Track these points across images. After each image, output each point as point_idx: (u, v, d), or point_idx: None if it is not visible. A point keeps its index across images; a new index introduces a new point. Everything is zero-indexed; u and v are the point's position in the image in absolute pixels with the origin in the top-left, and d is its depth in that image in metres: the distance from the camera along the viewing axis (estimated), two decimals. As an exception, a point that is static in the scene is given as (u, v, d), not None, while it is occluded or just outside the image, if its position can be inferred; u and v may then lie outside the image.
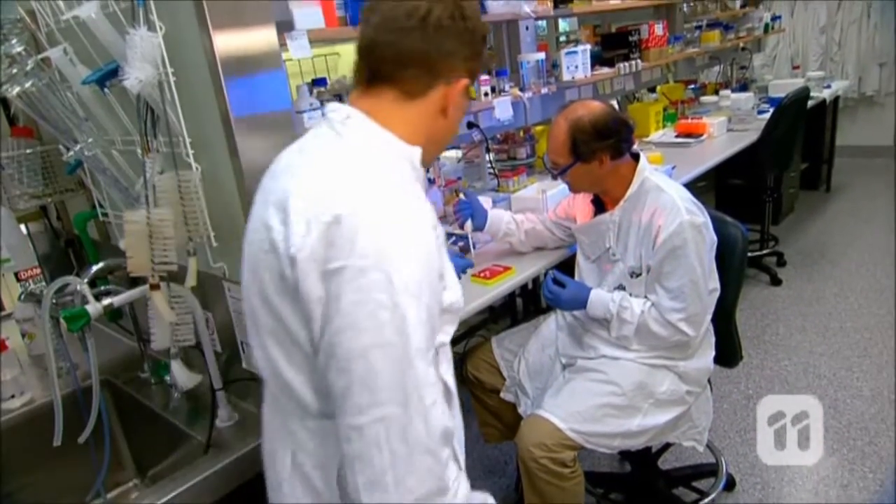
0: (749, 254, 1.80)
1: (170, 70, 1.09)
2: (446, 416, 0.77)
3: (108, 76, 1.18)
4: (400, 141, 0.85)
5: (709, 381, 1.73)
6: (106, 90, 1.22)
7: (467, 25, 0.85)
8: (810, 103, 3.68)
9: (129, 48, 1.04)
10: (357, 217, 0.73)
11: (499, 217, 1.90)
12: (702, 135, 3.32)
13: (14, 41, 1.24)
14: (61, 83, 1.29)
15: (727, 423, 2.38)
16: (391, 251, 0.73)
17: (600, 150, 1.57)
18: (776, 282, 3.51)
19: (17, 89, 1.14)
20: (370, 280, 0.71)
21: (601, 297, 1.62)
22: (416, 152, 0.86)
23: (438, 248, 0.79)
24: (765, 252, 3.73)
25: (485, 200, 2.02)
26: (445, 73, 0.85)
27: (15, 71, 1.16)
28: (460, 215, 1.84)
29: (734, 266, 1.71)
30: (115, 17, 1.14)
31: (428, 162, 0.90)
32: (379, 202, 0.76)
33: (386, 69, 0.84)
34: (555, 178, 1.70)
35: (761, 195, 3.68)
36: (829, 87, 4.53)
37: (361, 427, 0.72)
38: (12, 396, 1.41)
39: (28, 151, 1.48)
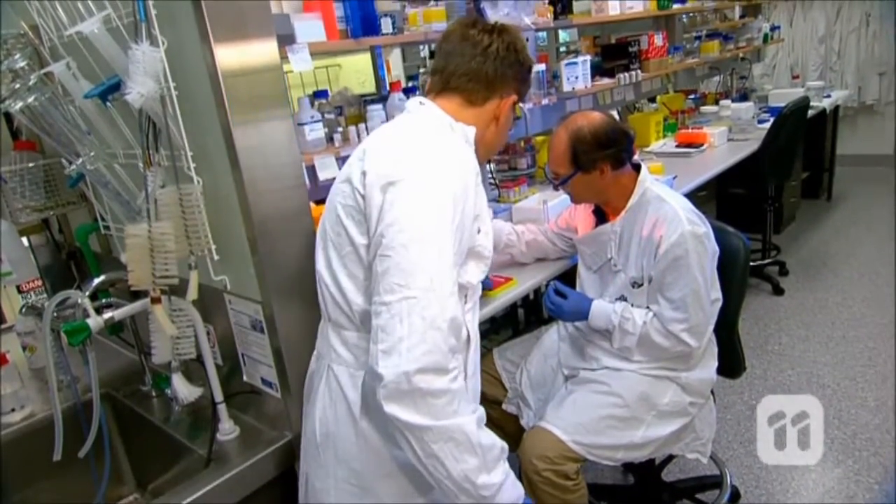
0: (751, 263, 1.80)
1: (172, 84, 1.10)
2: (459, 309, 0.95)
3: (111, 90, 1.19)
4: (458, 122, 1.10)
5: (712, 391, 1.72)
6: (108, 104, 1.22)
7: (518, 58, 1.13)
8: (810, 113, 3.69)
9: (131, 63, 1.04)
10: (417, 150, 1.02)
11: (499, 228, 1.89)
12: (702, 145, 3.33)
13: (17, 56, 1.25)
14: (64, 97, 1.30)
15: (731, 434, 2.37)
16: (440, 175, 0.98)
17: (601, 159, 1.57)
18: (778, 291, 3.50)
19: (19, 104, 1.15)
20: (419, 190, 0.96)
21: (603, 309, 1.62)
22: (471, 130, 1.11)
23: (476, 192, 1.04)
24: (767, 261, 3.73)
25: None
26: (500, 90, 1.13)
27: (18, 86, 1.17)
28: None
29: (736, 276, 1.71)
30: (117, 32, 1.14)
31: (481, 159, 1.14)
32: (434, 144, 1.04)
33: (454, 81, 1.12)
34: (556, 188, 1.70)
35: (762, 204, 3.68)
36: (828, 96, 4.54)
37: (391, 303, 0.91)
38: (12, 410, 1.41)
39: (31, 165, 1.48)
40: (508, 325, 3.06)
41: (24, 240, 1.72)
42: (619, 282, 1.65)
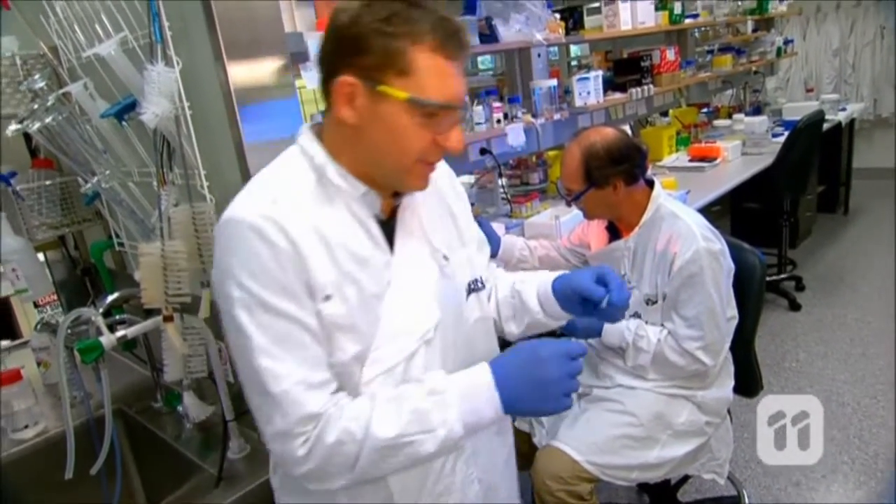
0: (766, 278, 1.77)
1: (186, 104, 1.11)
2: (309, 404, 0.79)
3: (126, 110, 1.21)
4: (314, 155, 0.85)
5: (728, 411, 1.69)
6: (124, 123, 1.24)
7: (340, 18, 0.79)
8: (825, 126, 3.66)
9: (146, 83, 1.06)
10: (217, 231, 0.82)
11: (511, 243, 1.89)
12: (716, 159, 3.30)
13: (37, 76, 1.27)
14: (81, 116, 1.32)
15: (748, 454, 2.32)
16: (229, 262, 0.79)
17: (614, 175, 1.56)
18: (795, 307, 3.45)
19: (37, 125, 1.16)
20: (218, 290, 0.82)
21: (616, 326, 1.60)
22: (328, 166, 0.84)
23: (290, 260, 0.78)
24: (783, 276, 3.68)
25: (497, 227, 2.01)
26: (331, 73, 0.80)
27: (36, 106, 1.19)
28: None
29: (752, 294, 1.68)
30: (133, 53, 1.16)
31: (381, 183, 0.86)
32: (233, 215, 0.80)
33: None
34: (569, 204, 1.69)
35: (778, 219, 3.64)
36: (843, 109, 4.50)
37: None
38: (25, 427, 1.41)
39: (48, 183, 1.50)
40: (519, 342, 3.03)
41: (41, 255, 1.74)
42: (633, 299, 1.64)
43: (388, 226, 0.89)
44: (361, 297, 0.84)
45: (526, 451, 1.76)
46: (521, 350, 0.85)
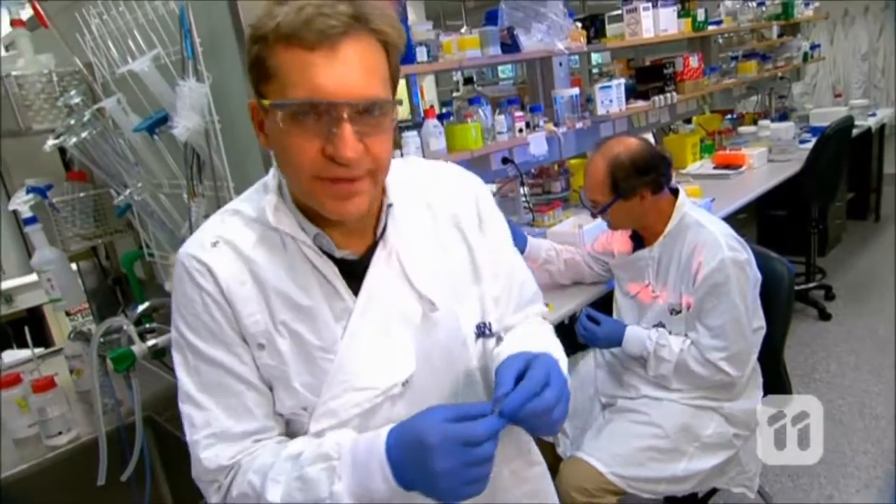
0: (795, 287, 1.74)
1: (216, 118, 1.13)
2: (218, 458, 0.77)
3: (158, 124, 1.24)
4: (263, 198, 0.79)
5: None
6: (155, 137, 1.27)
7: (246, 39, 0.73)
8: (855, 132, 3.59)
9: (178, 98, 1.09)
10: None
11: (538, 244, 1.89)
12: (741, 166, 3.26)
13: (73, 92, 1.31)
14: (114, 130, 1.35)
15: (778, 467, 2.27)
16: (174, 300, 0.79)
17: (640, 186, 1.55)
18: (825, 316, 3.37)
19: (74, 139, 1.20)
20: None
21: (637, 335, 1.59)
22: (269, 212, 0.77)
23: (218, 308, 0.76)
24: (812, 285, 3.60)
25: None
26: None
27: (73, 121, 1.22)
28: None
29: (781, 303, 1.65)
30: (165, 69, 1.19)
31: (298, 195, 0.77)
32: (180, 251, 0.79)
33: None
34: (594, 216, 1.68)
35: (806, 227, 3.57)
36: (873, 115, 4.40)
37: None
38: (59, 433, 1.44)
39: (81, 195, 1.55)
40: (543, 349, 3.01)
41: (73, 265, 1.79)
42: (657, 308, 1.62)
43: (364, 264, 0.80)
44: (299, 348, 0.78)
45: (551, 462, 1.74)
46: (411, 429, 0.70)
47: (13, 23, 1.43)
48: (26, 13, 1.44)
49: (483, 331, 0.88)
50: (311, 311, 0.77)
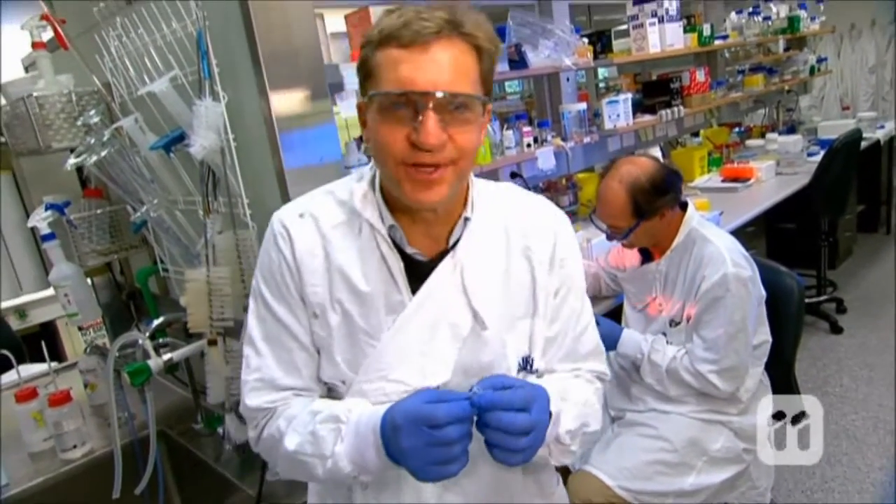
0: (805, 300, 1.74)
1: (231, 136, 1.16)
2: (260, 399, 0.86)
3: (174, 142, 1.27)
4: (355, 186, 0.86)
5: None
6: (171, 154, 1.30)
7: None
8: (863, 144, 3.59)
9: (195, 117, 1.11)
10: None
11: None
12: (749, 179, 3.26)
13: (92, 112, 1.34)
14: (131, 148, 1.38)
15: (791, 483, 2.25)
16: (259, 254, 0.89)
17: (662, 205, 1.56)
18: (837, 330, 3.35)
19: (94, 158, 1.23)
20: None
21: (633, 338, 1.61)
22: (356, 198, 0.85)
23: (289, 272, 0.84)
24: (823, 298, 3.58)
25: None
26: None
27: (93, 140, 1.25)
28: None
29: (790, 317, 1.65)
30: (182, 89, 1.22)
31: (386, 183, 0.84)
32: (275, 213, 0.89)
33: None
34: (610, 239, 1.68)
35: (816, 239, 3.56)
36: (882, 127, 4.40)
37: None
38: (74, 447, 1.46)
39: (98, 211, 1.57)
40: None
41: (88, 280, 1.81)
42: (661, 320, 1.63)
43: (430, 267, 0.85)
44: (347, 327, 0.84)
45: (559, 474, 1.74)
46: (395, 407, 0.76)
47: (34, 45, 1.46)
48: (47, 35, 1.48)
49: (526, 364, 0.90)
50: (366, 297, 0.83)
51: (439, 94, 0.73)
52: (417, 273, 0.84)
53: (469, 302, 0.85)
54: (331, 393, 0.89)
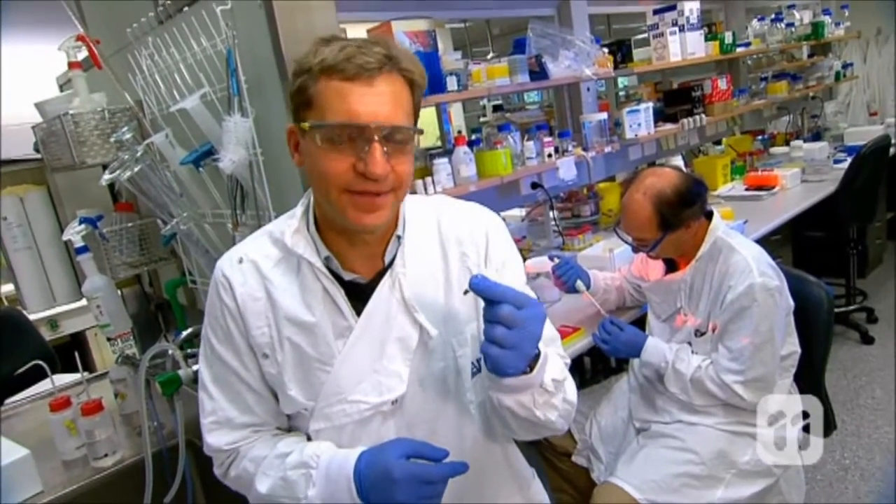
0: (835, 310, 1.71)
1: (259, 151, 1.19)
2: (220, 439, 0.92)
3: (203, 157, 1.30)
4: (285, 224, 0.90)
5: (799, 451, 1.62)
6: (200, 169, 1.33)
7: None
8: (893, 150, 3.52)
9: (224, 133, 1.14)
10: None
11: (594, 275, 1.89)
12: (773, 187, 3.22)
13: (125, 129, 1.38)
14: (161, 163, 1.42)
15: (822, 497, 2.19)
16: (206, 306, 0.93)
17: (689, 216, 1.55)
18: (867, 340, 3.27)
19: (127, 174, 1.27)
20: None
21: (658, 346, 1.59)
22: (287, 236, 0.87)
23: (232, 318, 0.88)
24: (852, 308, 3.50)
25: (544, 261, 2.01)
26: None
27: (126, 156, 1.29)
28: (567, 277, 1.82)
29: (820, 328, 1.62)
30: (211, 105, 1.26)
31: (325, 209, 0.85)
32: (217, 265, 0.92)
33: None
34: (635, 251, 1.68)
35: (844, 248, 3.49)
36: (911, 132, 4.31)
37: None
38: (105, 455, 1.49)
39: (129, 225, 1.62)
40: (574, 374, 2.99)
41: (118, 292, 1.86)
42: (686, 330, 1.61)
43: (372, 288, 0.88)
44: (298, 360, 0.88)
45: (584, 487, 1.73)
46: (380, 459, 0.81)
47: (70, 65, 1.52)
48: (82, 55, 1.53)
49: (480, 367, 0.92)
50: (313, 327, 0.86)
51: (385, 127, 0.77)
52: (360, 295, 0.88)
53: (412, 315, 0.88)
54: (295, 420, 0.94)
